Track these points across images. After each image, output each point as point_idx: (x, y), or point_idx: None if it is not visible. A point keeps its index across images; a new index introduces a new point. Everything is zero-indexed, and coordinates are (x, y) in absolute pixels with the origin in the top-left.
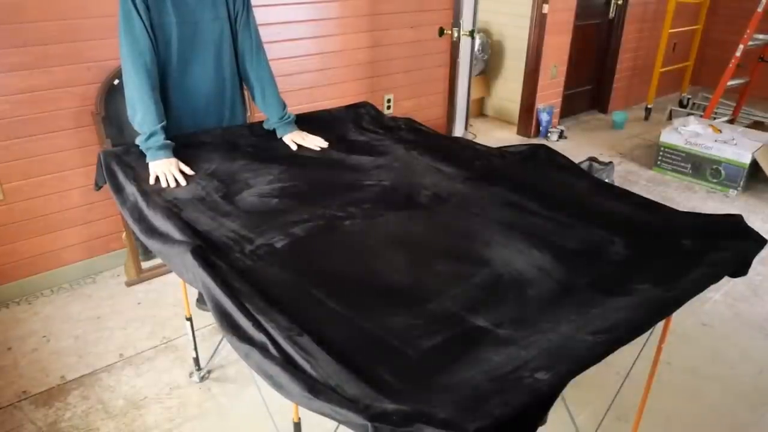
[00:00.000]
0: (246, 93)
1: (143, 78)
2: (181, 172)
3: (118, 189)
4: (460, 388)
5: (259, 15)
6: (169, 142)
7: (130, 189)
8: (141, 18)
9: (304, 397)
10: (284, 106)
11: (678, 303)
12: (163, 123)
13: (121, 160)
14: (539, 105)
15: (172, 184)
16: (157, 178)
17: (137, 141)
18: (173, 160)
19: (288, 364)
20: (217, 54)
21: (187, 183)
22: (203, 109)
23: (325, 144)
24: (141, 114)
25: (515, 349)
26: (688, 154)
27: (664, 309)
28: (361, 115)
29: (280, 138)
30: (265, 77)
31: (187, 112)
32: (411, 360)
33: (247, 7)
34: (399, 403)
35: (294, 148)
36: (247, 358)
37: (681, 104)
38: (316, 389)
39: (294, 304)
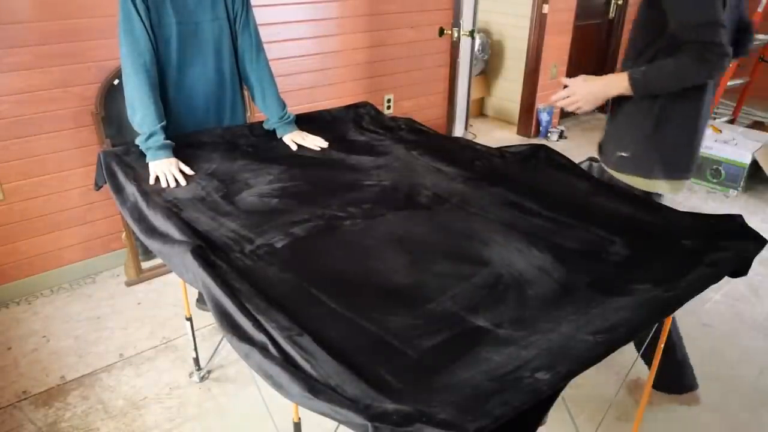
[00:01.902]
0: (246, 93)
1: (142, 78)
2: (182, 172)
3: (118, 189)
4: (460, 388)
5: (259, 15)
6: (169, 142)
7: (130, 189)
8: (141, 19)
9: (304, 397)
10: (284, 106)
11: (678, 303)
12: (163, 123)
13: (121, 160)
14: (539, 105)
15: (172, 184)
16: (157, 178)
17: (137, 141)
18: (173, 160)
19: (288, 364)
20: (217, 54)
21: (187, 183)
22: (203, 109)
23: (325, 144)
24: (140, 114)
25: (515, 349)
26: None
27: (664, 309)
28: (362, 115)
29: (280, 138)
30: (265, 77)
31: (187, 113)
32: (411, 360)
33: (247, 7)
34: (399, 403)
35: (294, 148)
36: (247, 358)
37: None
38: (316, 389)
39: (294, 304)
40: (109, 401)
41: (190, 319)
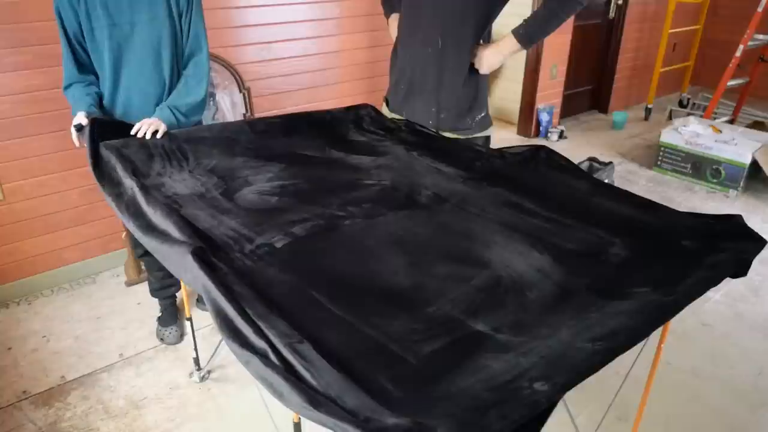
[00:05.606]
0: (234, 96)
1: (68, 82)
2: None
3: (116, 183)
4: (459, 398)
5: (260, 15)
6: (82, 111)
7: (129, 183)
8: (64, 26)
9: (304, 408)
10: (184, 97)
11: (678, 307)
12: (86, 107)
13: (121, 153)
14: (539, 105)
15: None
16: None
17: None
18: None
19: (289, 373)
20: (156, 56)
21: (185, 179)
22: (141, 110)
23: (148, 135)
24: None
25: (514, 356)
26: (688, 154)
27: (663, 314)
28: (362, 116)
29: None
30: (190, 78)
31: (124, 115)
32: (411, 367)
33: (193, 6)
34: (399, 414)
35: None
36: (247, 365)
37: (681, 104)
38: (315, 401)
39: (293, 308)
40: (109, 401)
41: (190, 319)
